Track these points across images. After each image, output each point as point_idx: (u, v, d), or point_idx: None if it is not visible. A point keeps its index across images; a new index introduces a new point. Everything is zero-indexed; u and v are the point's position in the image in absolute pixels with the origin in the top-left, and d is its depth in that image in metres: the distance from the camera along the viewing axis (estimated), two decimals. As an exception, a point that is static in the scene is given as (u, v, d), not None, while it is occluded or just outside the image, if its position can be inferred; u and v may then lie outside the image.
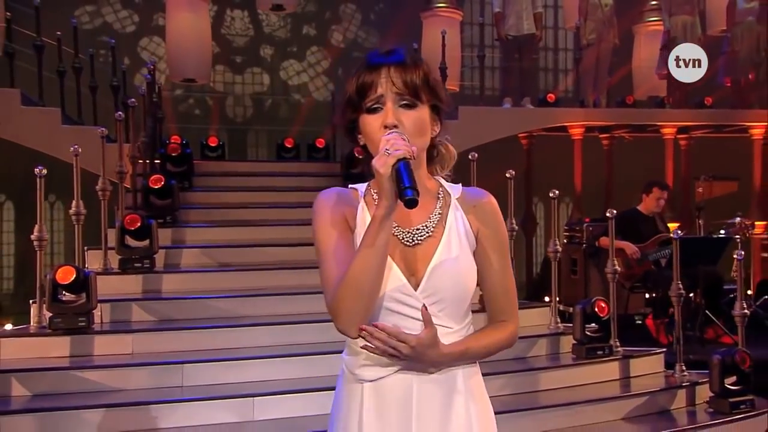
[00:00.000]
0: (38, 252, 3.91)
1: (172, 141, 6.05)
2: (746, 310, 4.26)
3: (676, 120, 7.68)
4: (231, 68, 10.33)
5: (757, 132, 7.82)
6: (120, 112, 4.67)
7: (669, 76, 7.68)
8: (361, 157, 5.10)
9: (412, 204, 1.18)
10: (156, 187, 4.84)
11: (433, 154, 1.39)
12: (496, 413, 3.18)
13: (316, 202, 1.37)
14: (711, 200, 7.12)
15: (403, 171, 1.19)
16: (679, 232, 4.46)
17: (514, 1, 7.22)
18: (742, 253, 4.35)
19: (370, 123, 1.31)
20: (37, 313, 3.88)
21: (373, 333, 1.26)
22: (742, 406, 3.99)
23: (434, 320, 1.30)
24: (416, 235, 1.34)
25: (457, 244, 1.34)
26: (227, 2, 10.23)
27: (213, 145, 6.93)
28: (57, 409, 3.31)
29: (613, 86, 8.41)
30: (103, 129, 4.47)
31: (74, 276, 3.73)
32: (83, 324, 3.77)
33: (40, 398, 3.43)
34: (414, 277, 1.32)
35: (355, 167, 5.79)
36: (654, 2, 8.69)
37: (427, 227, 1.35)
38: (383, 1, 10.74)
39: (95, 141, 5.50)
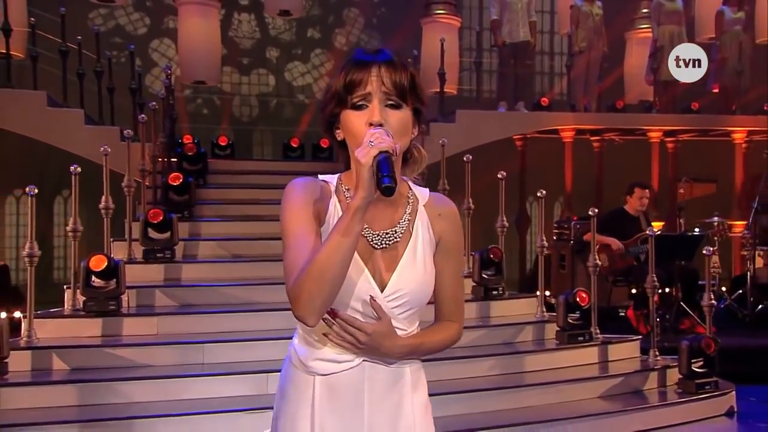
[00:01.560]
0: (73, 242, 4.33)
1: (186, 141, 6.50)
2: (713, 301, 4.69)
3: (661, 124, 8.11)
4: (238, 69, 10.74)
5: (738, 137, 8.26)
6: (143, 115, 5.10)
7: (656, 82, 8.11)
8: (325, 147, 5.65)
9: (388, 192, 1.20)
10: (175, 184, 5.27)
11: (407, 156, 1.40)
12: (485, 391, 3.70)
13: (288, 189, 1.37)
14: (695, 200, 7.56)
15: (384, 162, 1.21)
16: (655, 229, 4.89)
17: (511, 10, 7.65)
18: (711, 249, 4.78)
19: (355, 119, 1.31)
20: (72, 297, 4.32)
21: (333, 319, 1.30)
22: (706, 387, 4.43)
23: (394, 322, 1.35)
24: (384, 239, 1.36)
25: (421, 251, 1.38)
26: (235, 6, 10.66)
27: (223, 144, 7.34)
28: (93, 381, 3.76)
29: (605, 90, 8.83)
30: (129, 131, 4.88)
31: (106, 264, 4.16)
32: (113, 307, 4.21)
33: (78, 371, 3.86)
34: (380, 279, 1.35)
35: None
36: (645, 10, 9.09)
37: (395, 232, 1.37)
38: (385, 5, 11.15)
39: (115, 140, 5.99)
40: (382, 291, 1.34)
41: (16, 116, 6.02)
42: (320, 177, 1.42)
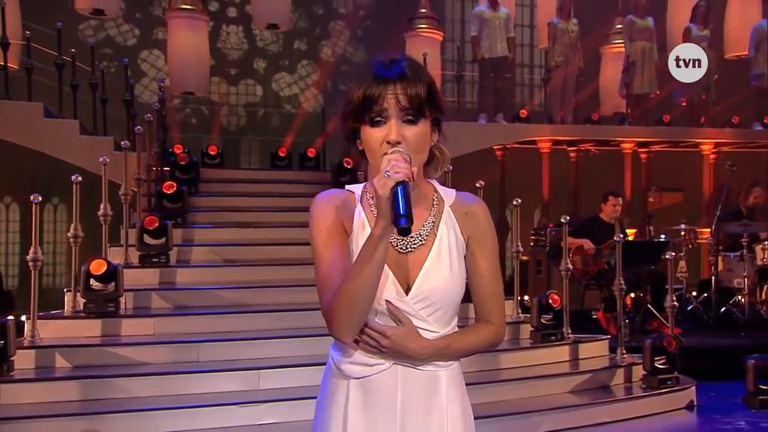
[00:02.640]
0: (74, 247, 4.58)
1: (177, 150, 6.76)
2: (675, 303, 5.06)
3: (634, 136, 8.53)
4: (226, 80, 11.03)
5: (706, 148, 8.70)
6: (139, 127, 5.37)
7: (629, 96, 8.53)
8: (350, 167, 5.98)
9: (404, 233, 1.23)
10: (169, 192, 5.54)
11: (430, 159, 1.41)
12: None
13: (315, 204, 1.40)
14: (666, 209, 7.96)
15: (400, 196, 1.21)
16: (622, 236, 5.25)
17: (489, 27, 8.03)
18: (673, 254, 5.16)
19: (373, 135, 1.33)
20: (72, 299, 4.57)
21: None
22: (668, 382, 4.79)
23: (422, 324, 1.37)
24: (409, 243, 1.37)
25: (447, 252, 1.38)
26: (223, 18, 10.96)
27: (212, 153, 7.59)
28: (94, 377, 4.02)
29: (581, 102, 9.24)
30: (126, 141, 5.15)
31: (105, 268, 4.43)
32: (112, 309, 4.47)
33: (79, 369, 4.12)
34: (406, 282, 1.37)
35: (344, 176, 6.54)
36: (618, 26, 9.52)
37: (420, 235, 1.38)
38: (370, 18, 11.50)
39: (109, 150, 6.24)
40: (407, 293, 1.36)
41: (13, 127, 6.26)
42: (347, 187, 1.45)
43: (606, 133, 8.56)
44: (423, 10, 9.10)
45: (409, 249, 1.37)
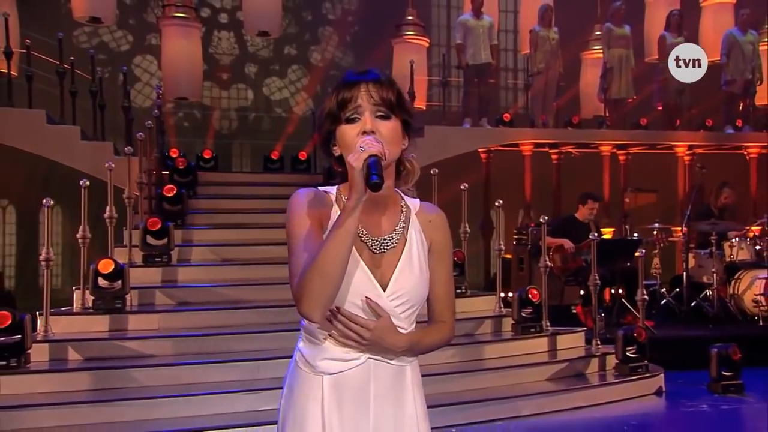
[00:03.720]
0: (82, 248, 4.88)
1: (173, 154, 7.07)
2: (646, 297, 5.46)
3: (612, 139, 8.93)
4: (218, 84, 11.31)
5: (680, 150, 9.13)
6: (141, 133, 5.67)
7: (607, 100, 8.93)
8: (340, 170, 6.36)
9: (376, 187, 1.30)
10: (169, 195, 5.85)
11: (400, 169, 1.50)
12: (448, 374, 4.38)
13: (293, 199, 1.47)
14: (643, 208, 8.37)
15: (372, 164, 1.31)
16: (596, 235, 5.63)
17: (473, 34, 8.40)
18: (643, 251, 5.54)
19: (348, 132, 1.41)
20: (81, 297, 4.87)
21: (336, 316, 1.40)
22: (638, 370, 5.17)
23: (396, 321, 1.44)
24: (383, 244, 1.47)
25: (416, 255, 1.48)
26: (215, 24, 11.25)
27: (207, 157, 7.90)
28: (104, 368, 4.33)
29: (563, 106, 9.63)
30: (129, 147, 5.45)
31: (113, 267, 4.74)
32: (119, 305, 4.78)
33: (90, 361, 4.43)
34: (381, 280, 1.45)
35: (334, 178, 6.86)
36: (598, 33, 9.92)
37: (392, 238, 1.48)
38: (358, 24, 11.84)
39: (108, 155, 6.54)
40: (384, 291, 1.44)
41: (17, 133, 6.53)
42: (320, 188, 1.52)
43: (585, 136, 8.96)
44: (410, 17, 9.44)
45: (383, 250, 1.46)
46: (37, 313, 4.56)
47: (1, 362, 4.04)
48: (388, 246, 1.47)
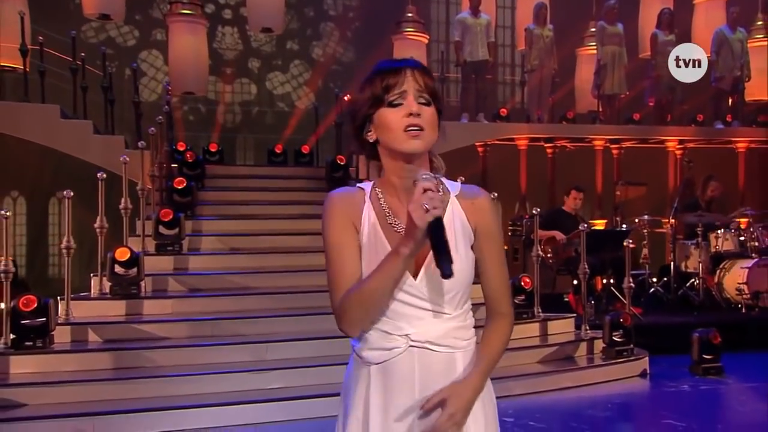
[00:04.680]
0: (99, 237, 5.16)
1: (180, 148, 7.33)
2: (632, 284, 5.76)
3: (605, 134, 9.20)
4: (222, 79, 11.56)
5: (671, 145, 9.41)
6: (152, 128, 5.95)
7: (600, 96, 9.19)
8: (342, 163, 6.72)
9: (448, 278, 1.30)
10: (179, 187, 6.13)
11: (429, 164, 1.49)
12: None
13: (327, 203, 1.46)
14: (636, 200, 8.64)
15: (439, 235, 1.28)
16: (585, 225, 5.91)
17: (471, 32, 8.65)
18: (630, 241, 5.84)
19: (392, 116, 1.40)
20: (99, 283, 5.16)
21: None
22: (624, 353, 5.47)
23: (433, 307, 1.42)
24: None
25: (453, 238, 1.41)
26: (219, 20, 11.49)
27: (213, 150, 8.16)
28: (123, 349, 4.63)
29: (558, 101, 9.89)
30: (142, 142, 5.72)
31: (129, 255, 5.03)
32: (135, 291, 5.07)
33: (109, 342, 4.72)
34: (414, 268, 1.41)
35: (337, 172, 7.15)
36: (593, 29, 10.16)
37: None
38: (359, 20, 12.07)
39: (119, 148, 6.81)
40: (415, 278, 1.41)
41: (32, 127, 6.80)
42: (358, 185, 1.51)
43: (579, 130, 9.23)
44: (410, 14, 9.68)
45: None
46: (58, 298, 4.84)
47: (28, 343, 4.34)
48: None
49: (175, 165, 6.86)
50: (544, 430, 4.18)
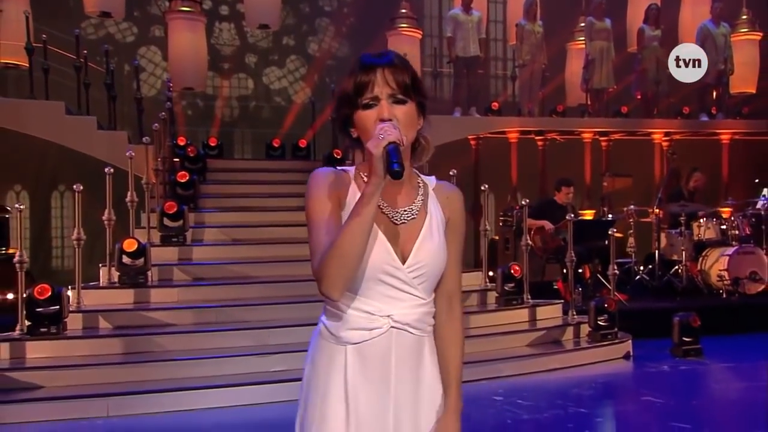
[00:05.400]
0: (107, 229, 5.37)
1: (181, 143, 7.52)
2: (616, 271, 6.02)
3: (592, 127, 9.44)
4: (219, 74, 11.73)
5: (657, 137, 9.66)
6: (156, 124, 6.15)
7: (589, 90, 9.42)
8: (339, 157, 7.00)
9: (397, 175, 1.32)
10: (182, 181, 6.34)
11: (415, 146, 1.50)
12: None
13: (312, 179, 1.48)
14: (624, 191, 8.89)
15: (392, 151, 1.33)
16: (572, 215, 6.15)
17: (463, 29, 8.86)
18: (614, 230, 6.09)
19: (366, 117, 1.41)
20: (107, 273, 5.38)
21: None
22: (608, 336, 5.73)
23: (414, 291, 1.46)
24: (403, 215, 1.47)
25: (435, 228, 1.49)
26: (216, 16, 11.64)
27: (213, 144, 8.36)
28: (132, 335, 4.86)
29: (549, 95, 10.11)
30: (147, 138, 5.93)
31: (136, 246, 5.24)
32: (142, 280, 5.29)
33: (119, 328, 4.95)
34: (401, 252, 1.45)
35: (334, 165, 7.35)
36: (582, 24, 10.37)
37: (412, 209, 1.48)
38: (354, 15, 12.23)
39: (123, 143, 7.01)
40: (403, 263, 1.45)
41: (37, 123, 6.99)
42: (339, 168, 1.54)
43: (569, 123, 9.46)
44: (403, 10, 9.86)
45: (403, 221, 1.47)
46: (69, 287, 5.06)
47: (43, 329, 4.56)
48: (408, 217, 1.47)
49: (177, 159, 7.05)
50: (531, 407, 4.43)
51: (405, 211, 1.48)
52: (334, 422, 1.45)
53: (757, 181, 8.31)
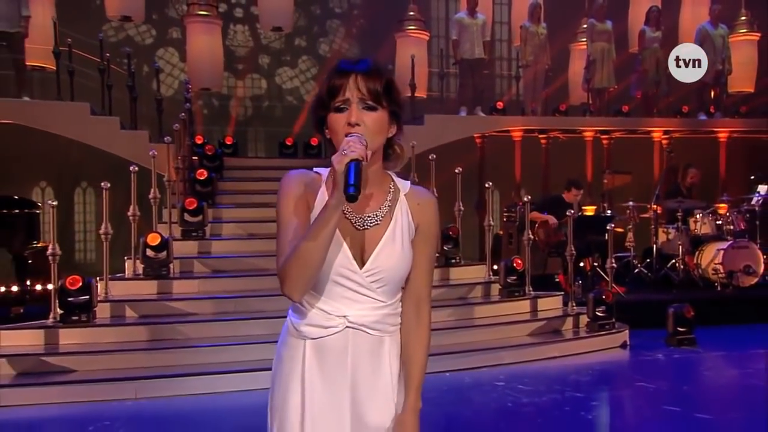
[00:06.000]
0: (132, 224, 5.59)
1: (198, 141, 7.74)
2: (614, 264, 6.18)
3: (595, 125, 9.58)
4: (234, 74, 11.94)
5: (656, 135, 9.78)
6: (176, 125, 6.36)
7: (590, 90, 9.55)
8: (314, 144, 7.32)
9: (351, 199, 1.32)
10: (201, 178, 6.55)
11: (389, 152, 1.52)
12: (445, 330, 5.12)
13: (284, 180, 1.49)
14: (621, 187, 9.03)
15: (351, 170, 1.31)
16: (572, 211, 6.32)
17: (468, 32, 9.01)
18: (612, 225, 6.25)
19: (336, 120, 1.43)
20: (132, 265, 5.60)
21: None
22: (606, 327, 5.90)
23: (372, 294, 1.47)
24: (366, 221, 1.48)
25: (399, 234, 1.49)
26: (231, 18, 11.84)
27: (229, 143, 8.57)
28: (157, 323, 5.08)
29: (552, 94, 10.24)
30: (168, 137, 6.14)
31: (159, 240, 5.46)
32: (165, 272, 5.51)
33: (144, 317, 5.18)
34: (360, 257, 1.46)
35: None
36: (585, 26, 10.48)
37: (376, 216, 1.48)
38: (363, 17, 12.40)
39: (144, 142, 7.23)
40: (361, 268, 1.46)
41: (65, 123, 7.22)
42: (315, 169, 1.54)
43: (571, 122, 9.60)
44: (411, 13, 10.02)
45: (366, 227, 1.48)
46: (97, 278, 5.28)
47: (74, 317, 4.79)
48: (371, 223, 1.48)
49: (196, 157, 7.26)
50: (531, 392, 4.61)
51: (369, 217, 1.49)
52: (293, 411, 1.49)
53: (752, 177, 8.42)
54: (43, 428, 3.94)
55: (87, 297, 4.83)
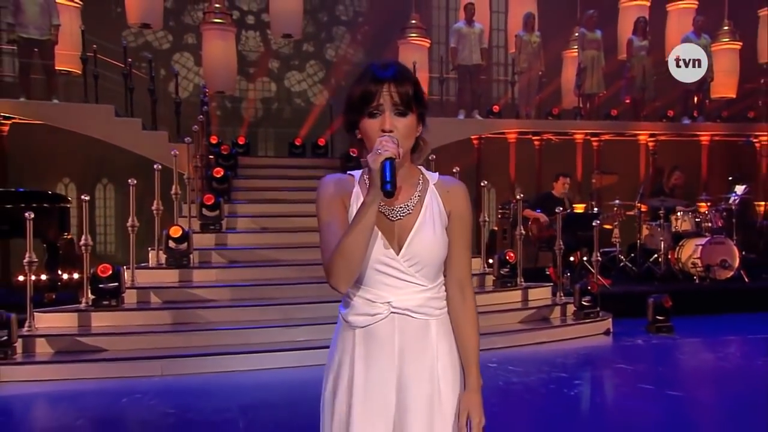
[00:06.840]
0: (156, 218, 5.87)
1: (213, 141, 8.02)
2: (599, 258, 6.46)
3: (585, 128, 9.84)
4: (245, 77, 12.22)
5: (643, 138, 10.04)
6: (195, 126, 6.64)
7: (581, 95, 9.82)
8: (355, 155, 7.60)
9: (389, 195, 1.38)
10: (218, 176, 6.84)
11: (415, 147, 1.55)
12: None
13: (320, 185, 1.56)
14: (610, 187, 9.29)
15: (387, 168, 1.37)
16: (561, 208, 6.60)
17: (466, 40, 9.27)
18: (598, 221, 6.53)
19: (370, 126, 1.47)
20: (156, 255, 5.89)
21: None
22: (591, 315, 6.18)
23: (412, 279, 1.51)
24: (399, 212, 1.52)
25: (431, 221, 1.52)
26: (244, 25, 12.12)
27: (241, 143, 8.85)
28: (179, 308, 5.37)
29: (545, 98, 10.50)
30: (188, 138, 6.42)
31: (180, 232, 5.75)
32: (186, 263, 5.80)
33: (167, 303, 5.46)
34: (397, 244, 1.51)
35: (350, 162, 7.82)
36: (577, 34, 10.73)
37: (407, 206, 1.53)
38: (368, 24, 12.67)
39: (164, 142, 7.51)
40: (398, 254, 1.50)
41: (90, 124, 7.52)
42: (349, 172, 1.59)
43: (563, 125, 9.87)
44: (413, 21, 10.28)
45: (399, 217, 1.52)
46: (124, 267, 5.57)
47: (105, 302, 5.08)
48: (403, 213, 1.52)
49: (212, 156, 7.55)
50: (520, 373, 4.89)
51: (401, 207, 1.52)
52: (342, 395, 1.54)
53: (730, 178, 8.69)
54: (84, 399, 4.23)
55: (116, 284, 5.11)
